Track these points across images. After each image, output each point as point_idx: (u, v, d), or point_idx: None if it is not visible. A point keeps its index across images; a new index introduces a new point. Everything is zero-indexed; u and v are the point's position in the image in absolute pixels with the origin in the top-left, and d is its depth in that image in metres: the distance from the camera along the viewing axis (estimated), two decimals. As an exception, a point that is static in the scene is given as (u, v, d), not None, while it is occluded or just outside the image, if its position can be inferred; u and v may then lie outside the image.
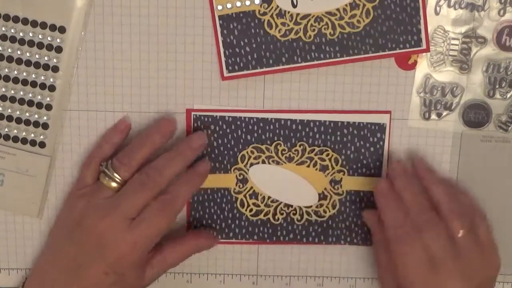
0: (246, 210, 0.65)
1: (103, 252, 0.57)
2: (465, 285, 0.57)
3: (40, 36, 0.61)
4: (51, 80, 0.62)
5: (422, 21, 0.61)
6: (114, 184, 0.59)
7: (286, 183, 0.64)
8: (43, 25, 0.61)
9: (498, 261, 0.60)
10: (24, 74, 0.62)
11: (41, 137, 0.63)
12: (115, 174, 0.59)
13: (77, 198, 0.61)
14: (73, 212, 0.60)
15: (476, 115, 0.63)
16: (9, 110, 0.63)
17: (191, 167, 0.62)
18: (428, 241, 0.58)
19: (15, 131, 0.63)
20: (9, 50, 0.61)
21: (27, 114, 0.63)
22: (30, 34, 0.61)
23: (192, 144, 0.61)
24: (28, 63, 0.62)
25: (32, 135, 0.63)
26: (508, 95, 0.63)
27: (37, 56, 0.62)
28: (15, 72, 0.62)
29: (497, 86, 0.63)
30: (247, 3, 0.60)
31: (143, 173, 0.59)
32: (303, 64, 0.61)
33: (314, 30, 0.61)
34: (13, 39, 0.61)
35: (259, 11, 0.61)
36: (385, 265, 0.61)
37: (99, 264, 0.57)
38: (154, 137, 0.60)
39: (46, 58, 0.62)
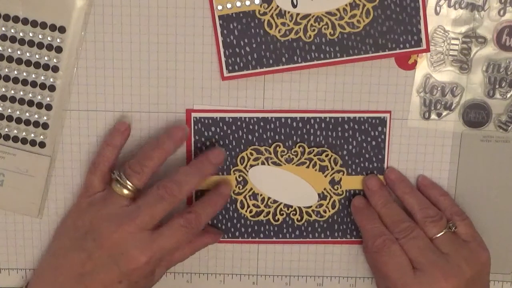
0: (246, 211, 0.65)
1: (117, 261, 0.57)
2: (452, 283, 0.58)
3: (40, 36, 0.61)
4: (51, 80, 0.62)
5: (422, 21, 0.61)
6: (126, 192, 0.59)
7: (286, 184, 0.64)
8: (43, 25, 0.61)
9: (485, 255, 0.61)
10: (24, 74, 0.62)
11: (41, 137, 0.63)
12: (128, 182, 0.59)
13: (86, 206, 0.60)
14: (81, 220, 0.60)
15: (476, 115, 0.63)
16: (9, 110, 0.63)
17: (216, 189, 0.62)
18: (406, 247, 0.60)
19: (15, 131, 0.63)
20: (9, 50, 0.61)
21: (27, 114, 0.63)
22: (30, 34, 0.61)
23: (211, 160, 0.61)
24: (28, 63, 0.62)
25: (32, 135, 0.63)
26: (508, 95, 0.63)
27: (37, 56, 0.62)
28: (15, 72, 0.62)
29: (497, 86, 0.63)
30: (247, 3, 0.60)
31: (161, 186, 0.58)
32: (303, 64, 0.61)
33: (314, 30, 0.61)
34: (13, 39, 0.61)
35: (259, 11, 0.61)
36: (375, 271, 0.64)
37: (112, 272, 0.58)
38: (165, 145, 0.60)
39: (46, 58, 0.62)
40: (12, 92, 0.62)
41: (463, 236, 0.61)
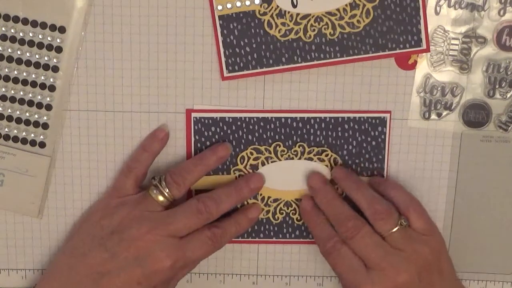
0: (246, 211, 0.65)
1: (142, 263, 0.58)
2: (404, 277, 0.57)
3: (40, 36, 0.61)
4: (51, 80, 0.62)
5: (422, 21, 0.61)
6: (162, 198, 0.60)
7: (298, 171, 0.64)
8: (43, 25, 0.61)
9: (437, 242, 0.60)
10: (24, 74, 0.62)
11: (41, 137, 0.63)
12: (166, 190, 0.60)
13: (115, 206, 0.61)
14: (108, 220, 0.60)
15: (476, 115, 0.63)
16: (9, 110, 0.63)
17: (244, 211, 0.63)
18: (355, 247, 0.59)
19: (15, 131, 0.63)
20: (9, 50, 0.61)
21: (27, 114, 0.63)
22: (30, 34, 0.61)
23: (250, 185, 0.62)
24: (28, 63, 0.62)
25: (32, 135, 0.63)
26: (508, 95, 0.63)
27: (37, 56, 0.62)
28: (15, 72, 0.62)
29: (497, 86, 0.63)
30: (247, 3, 0.60)
31: (201, 201, 0.60)
32: (303, 64, 0.61)
33: (314, 30, 0.61)
34: (13, 39, 0.61)
35: (259, 11, 0.61)
36: None
37: (133, 273, 0.58)
38: (209, 160, 0.62)
39: (46, 58, 0.62)
40: (12, 92, 0.62)
41: (418, 230, 0.59)
